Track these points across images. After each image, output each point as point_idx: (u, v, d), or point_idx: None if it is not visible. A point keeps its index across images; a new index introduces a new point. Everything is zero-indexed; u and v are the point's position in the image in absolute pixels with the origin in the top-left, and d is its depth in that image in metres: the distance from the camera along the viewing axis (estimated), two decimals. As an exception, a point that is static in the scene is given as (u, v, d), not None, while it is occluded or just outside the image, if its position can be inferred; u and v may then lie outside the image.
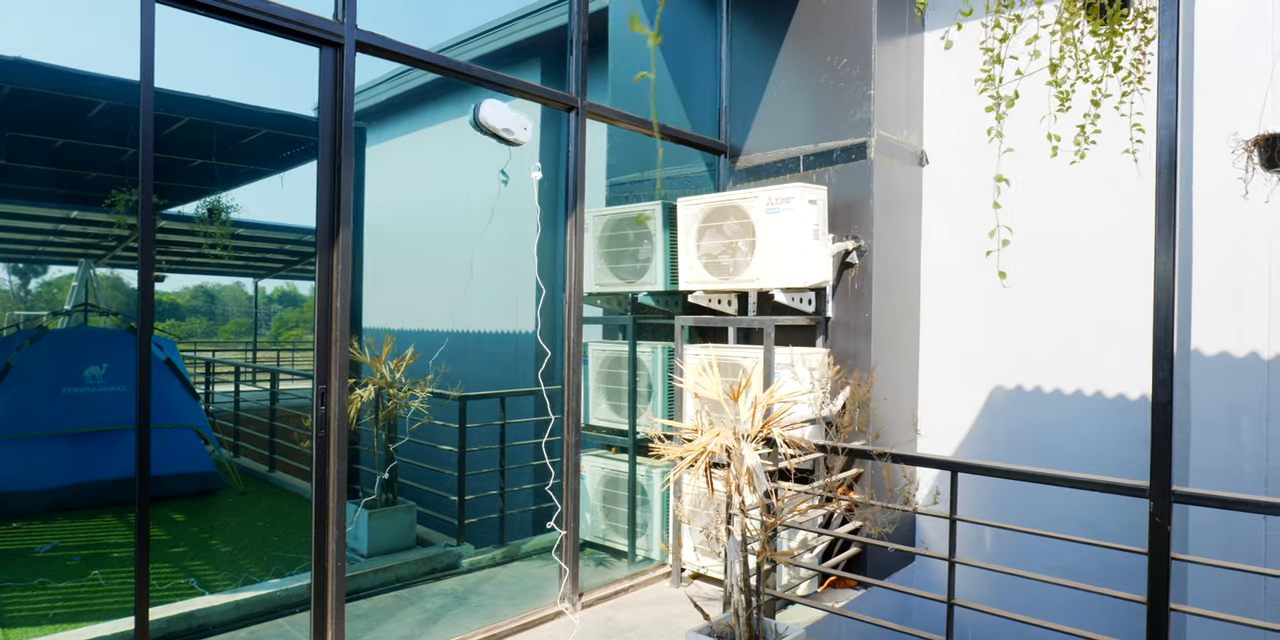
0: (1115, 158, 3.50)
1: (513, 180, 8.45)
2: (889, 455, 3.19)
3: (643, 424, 4.58)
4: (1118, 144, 3.17)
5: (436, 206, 9.46)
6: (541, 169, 4.05)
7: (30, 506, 5.99)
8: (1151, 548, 2.34)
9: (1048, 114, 2.61)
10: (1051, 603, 3.75)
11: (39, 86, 5.32)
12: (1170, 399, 2.25)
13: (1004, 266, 4.27)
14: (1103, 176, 3.84)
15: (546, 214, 8.18)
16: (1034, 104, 3.21)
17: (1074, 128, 2.34)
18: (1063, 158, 3.24)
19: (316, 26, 2.86)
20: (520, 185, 8.11)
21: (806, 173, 4.37)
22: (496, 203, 4.73)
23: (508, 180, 4.13)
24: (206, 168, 7.75)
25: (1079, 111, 2.47)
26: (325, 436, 2.95)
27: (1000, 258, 4.28)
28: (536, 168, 4.01)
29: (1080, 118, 2.25)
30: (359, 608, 3.92)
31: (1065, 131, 2.85)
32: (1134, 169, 3.61)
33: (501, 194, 8.47)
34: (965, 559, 2.92)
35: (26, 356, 6.49)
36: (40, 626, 3.93)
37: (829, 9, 4.31)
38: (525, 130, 3.66)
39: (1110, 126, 3.04)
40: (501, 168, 4.00)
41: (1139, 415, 3.82)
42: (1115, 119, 2.79)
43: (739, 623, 2.78)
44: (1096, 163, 3.63)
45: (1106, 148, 3.37)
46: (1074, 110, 2.48)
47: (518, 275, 8.05)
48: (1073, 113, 2.64)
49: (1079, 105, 2.53)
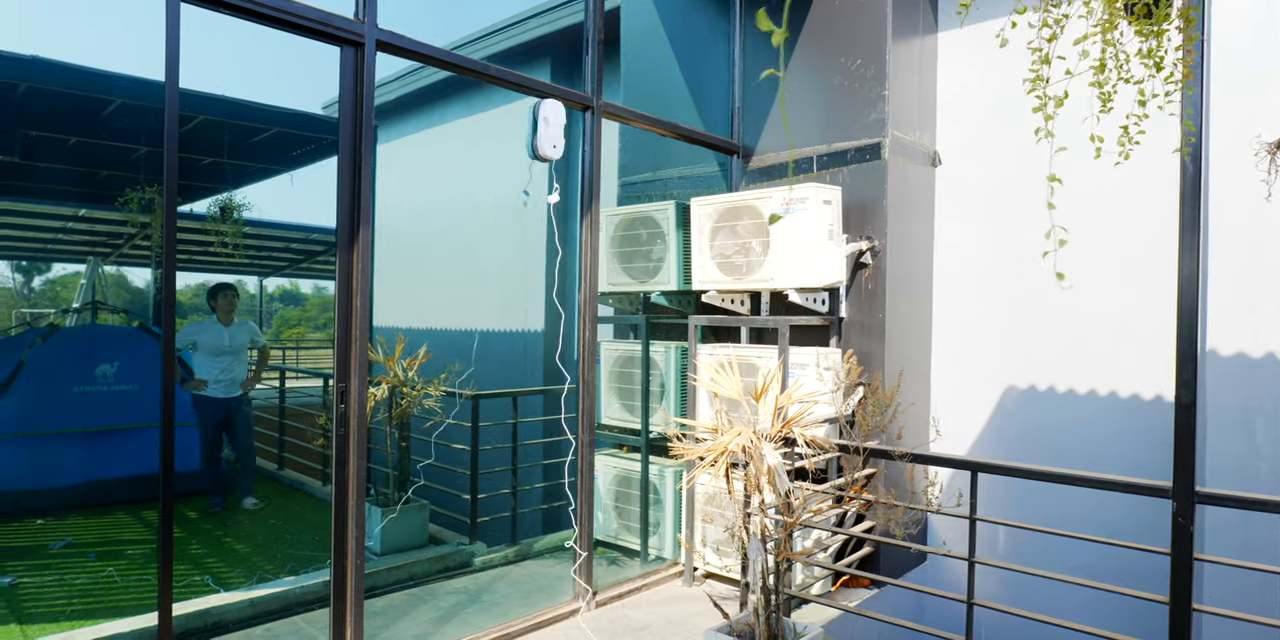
0: (1138, 158, 3.50)
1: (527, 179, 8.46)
2: (910, 455, 3.20)
3: (656, 423, 4.59)
4: (1148, 144, 3.17)
5: (447, 205, 9.47)
6: (560, 191, 3.94)
7: (43, 504, 6.01)
8: (1174, 548, 2.34)
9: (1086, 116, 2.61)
10: (1067, 602, 3.76)
11: (54, 85, 5.33)
12: (1194, 400, 2.26)
13: (1016, 266, 4.27)
14: (1120, 177, 3.84)
15: (559, 214, 8.21)
16: (1091, 105, 3.19)
17: (1114, 128, 2.33)
18: (1095, 159, 3.24)
19: (338, 26, 2.87)
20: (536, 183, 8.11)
21: (820, 173, 4.37)
22: (522, 220, 4.63)
23: (529, 200, 4.06)
24: (218, 166, 7.77)
25: (1120, 112, 2.46)
26: (345, 435, 2.96)
27: (1011, 257, 4.28)
28: (555, 189, 3.90)
29: (1123, 118, 2.24)
30: (373, 605, 3.93)
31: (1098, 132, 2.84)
32: (1151, 170, 3.61)
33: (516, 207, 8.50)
34: (985, 559, 2.93)
35: (38, 355, 6.51)
36: (57, 623, 3.94)
37: (843, 9, 4.31)
38: (555, 148, 3.62)
39: (1143, 127, 3.03)
40: (524, 187, 3.93)
41: (1153, 415, 3.82)
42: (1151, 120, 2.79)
43: (759, 622, 2.79)
44: (1113, 165, 3.63)
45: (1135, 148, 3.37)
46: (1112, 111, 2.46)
47: (530, 276, 8.06)
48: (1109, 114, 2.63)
49: (1120, 106, 2.52)
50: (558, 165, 7.98)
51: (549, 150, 3.58)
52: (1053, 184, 2.00)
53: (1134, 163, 3.58)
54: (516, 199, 8.52)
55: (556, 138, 3.61)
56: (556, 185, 3.89)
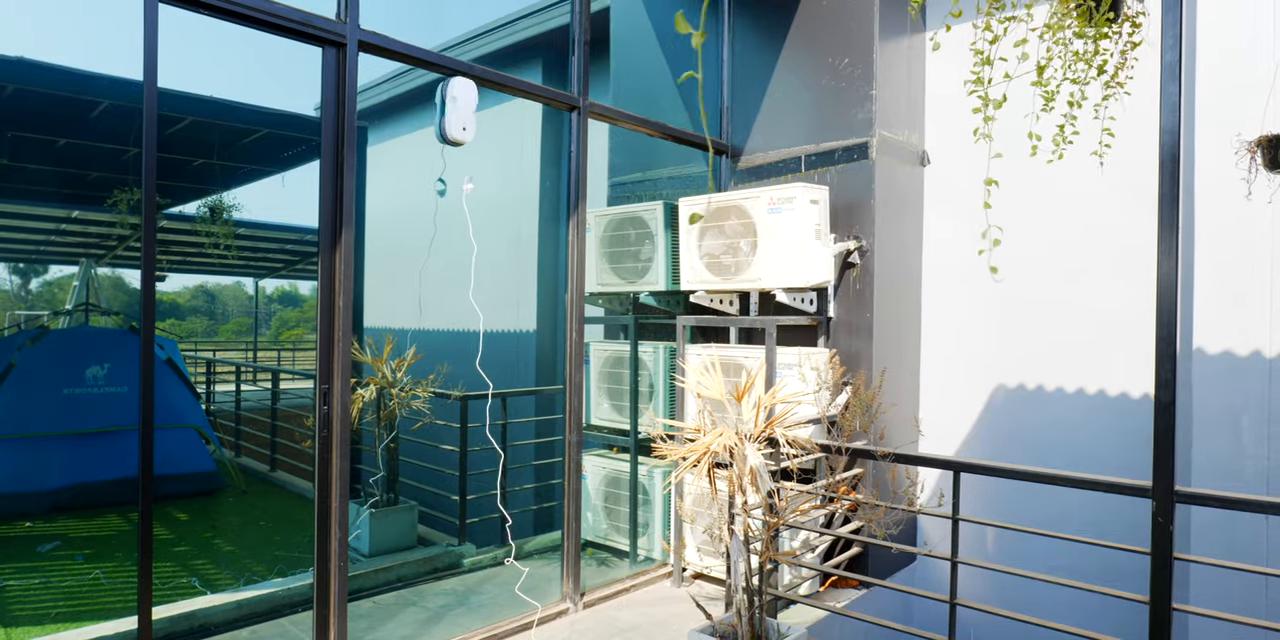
0: (1119, 158, 3.50)
1: (516, 180, 8.43)
2: (893, 455, 3.19)
3: (644, 424, 4.59)
4: (1124, 144, 3.18)
5: (436, 206, 9.45)
6: (474, 181, 3.68)
7: (32, 506, 5.99)
8: (1154, 548, 2.34)
9: (1028, 114, 2.62)
10: (1051, 602, 3.75)
11: (42, 86, 5.32)
12: (1174, 399, 2.25)
13: (1004, 265, 4.27)
14: (1106, 176, 3.84)
15: (547, 214, 8.20)
16: (1032, 104, 3.21)
17: (1055, 128, 2.34)
18: (1066, 158, 3.24)
19: (319, 26, 2.87)
20: (525, 189, 8.09)
21: (808, 173, 4.37)
22: (436, 216, 4.41)
23: (445, 190, 3.74)
24: (208, 167, 7.75)
25: (1062, 112, 2.48)
26: (328, 436, 2.95)
27: (993, 256, 4.28)
28: (469, 178, 3.67)
29: (1060, 118, 2.25)
30: (361, 607, 3.92)
31: (1048, 132, 2.86)
32: (1138, 169, 3.61)
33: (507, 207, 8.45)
34: (968, 559, 2.92)
35: (28, 356, 6.49)
36: (43, 626, 3.93)
37: (830, 9, 4.31)
38: (466, 131, 3.32)
39: (1110, 127, 3.04)
40: (439, 176, 3.65)
41: (1141, 414, 3.82)
42: (1120, 119, 2.80)
43: (741, 622, 2.78)
44: (1096, 163, 3.63)
45: (1115, 148, 3.37)
46: (1059, 111, 2.48)
47: (518, 276, 8.05)
48: (1057, 114, 2.65)
49: (1064, 106, 2.54)
50: (546, 166, 7.99)
51: (458, 133, 3.31)
52: (990, 186, 2.00)
53: (1123, 161, 3.59)
54: (508, 204, 8.52)
55: (466, 119, 3.32)
56: (469, 174, 3.65)
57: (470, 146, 3.42)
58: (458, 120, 3.30)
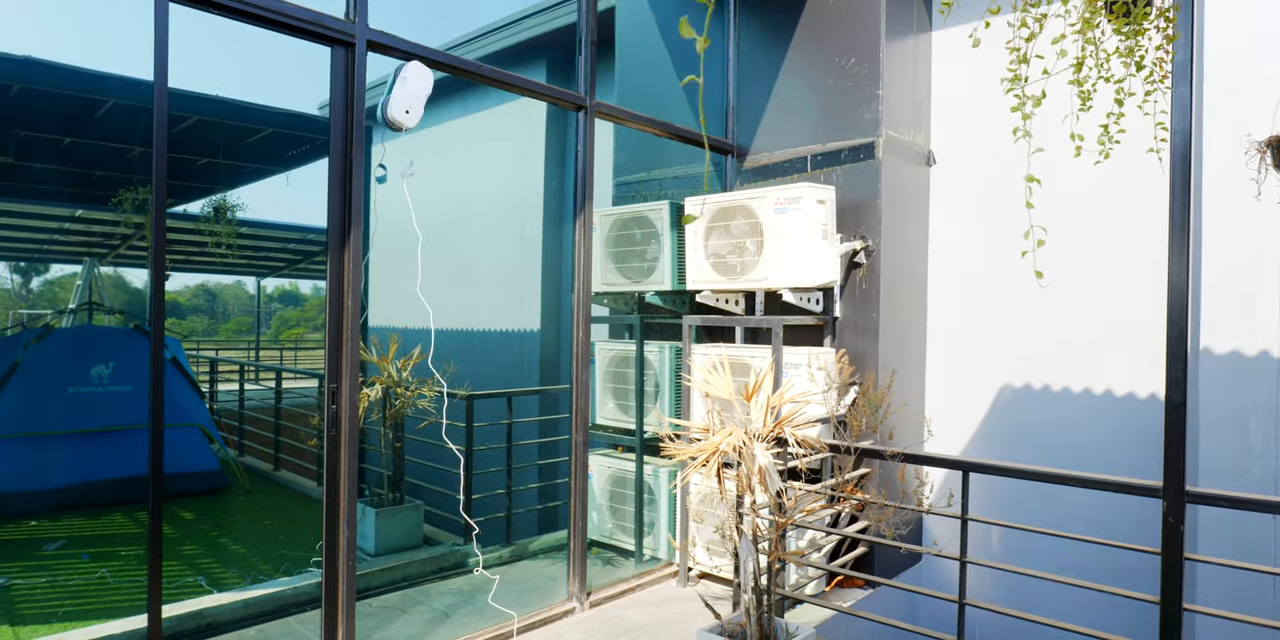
0: (1124, 157, 3.50)
1: (521, 179, 8.42)
2: (901, 455, 3.19)
3: (650, 423, 4.59)
4: (1131, 143, 3.17)
5: (441, 205, 9.47)
6: (385, 169, 3.43)
7: (37, 505, 6.00)
8: (1165, 548, 2.34)
9: (1067, 114, 2.61)
10: (1059, 602, 3.75)
11: (48, 85, 5.33)
12: (1184, 399, 2.25)
13: (1010, 265, 4.27)
14: (1112, 176, 3.84)
15: (551, 213, 8.21)
16: (1047, 104, 3.20)
17: (1096, 127, 2.33)
18: (1075, 157, 3.24)
19: (328, 26, 2.87)
20: (529, 188, 8.08)
21: (814, 172, 4.37)
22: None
23: (385, 177, 3.49)
24: (213, 166, 7.76)
25: (1100, 111, 2.46)
26: (336, 435, 2.96)
27: (1002, 257, 4.28)
28: (411, 164, 3.42)
29: (1103, 117, 2.24)
30: (367, 606, 3.93)
31: (1081, 131, 2.85)
32: (1143, 168, 3.61)
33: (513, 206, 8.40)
34: (977, 559, 2.92)
35: (33, 356, 6.50)
36: (49, 625, 3.94)
37: (836, 9, 4.30)
38: (409, 115, 3.07)
39: (1126, 125, 3.03)
40: (380, 161, 3.41)
41: (1147, 414, 3.82)
42: (1132, 118, 2.79)
43: (750, 622, 2.78)
44: (1106, 163, 3.63)
45: (1119, 147, 3.37)
46: (1095, 110, 2.47)
47: (521, 276, 8.05)
48: (1093, 112, 2.64)
49: (1100, 105, 2.53)
50: (550, 165, 7.99)
51: (400, 115, 3.07)
52: (1031, 184, 1.99)
53: (1128, 161, 3.58)
54: (511, 200, 8.51)
55: (411, 102, 3.08)
56: (412, 160, 3.42)
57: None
58: (402, 102, 3.06)
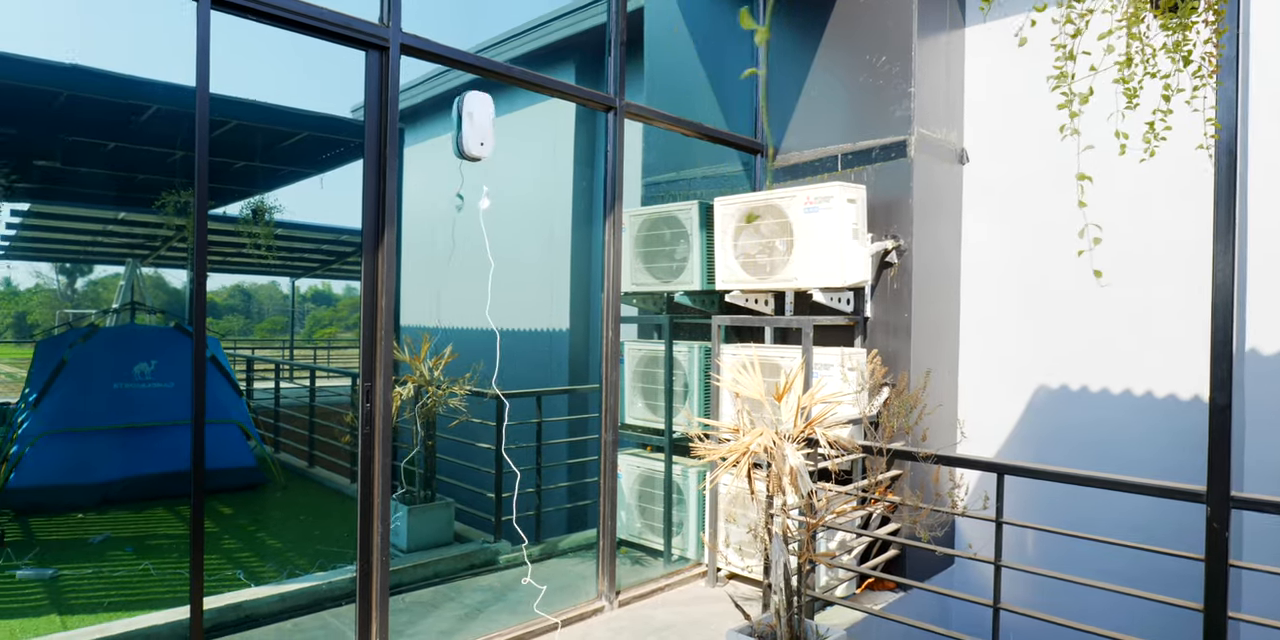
0: (1166, 153, 3.42)
1: (550, 180, 8.47)
2: (934, 457, 3.15)
3: (679, 423, 4.59)
4: (1173, 139, 3.10)
5: (454, 220, 9.55)
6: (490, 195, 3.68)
7: (83, 498, 6.19)
8: (1208, 554, 2.28)
9: (1111, 112, 2.56)
10: (1097, 608, 3.68)
11: (93, 92, 5.48)
12: (1229, 402, 2.20)
13: (1051, 263, 4.19)
14: (1153, 172, 3.75)
15: (580, 214, 8.24)
16: (1108, 100, 3.13)
17: (1140, 124, 2.28)
18: (1120, 155, 3.18)
19: (363, 30, 2.91)
20: (558, 188, 8.12)
21: (844, 171, 4.33)
22: (454, 229, 4.49)
23: (462, 205, 3.75)
24: (250, 169, 7.93)
25: (1144, 108, 2.41)
26: (370, 433, 3.00)
27: (1040, 255, 4.21)
28: (486, 192, 3.66)
29: (1148, 114, 2.19)
30: (400, 602, 3.98)
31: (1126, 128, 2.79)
32: (1184, 164, 3.52)
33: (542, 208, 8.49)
34: (1012, 563, 2.88)
35: (80, 354, 6.70)
36: (95, 614, 4.06)
37: (868, 6, 4.27)
38: (484, 146, 3.34)
39: (1170, 121, 2.97)
40: (458, 191, 3.67)
41: (1188, 415, 3.73)
42: (1176, 114, 2.73)
43: (780, 623, 2.77)
44: (1148, 158, 3.55)
45: (1161, 143, 3.29)
46: (1139, 107, 2.41)
47: (551, 276, 8.09)
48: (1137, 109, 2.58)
49: (1145, 102, 2.47)
50: (579, 166, 8.02)
51: (475, 148, 3.30)
52: (1083, 182, 1.95)
53: (1166, 157, 3.50)
54: (541, 199, 8.56)
55: (484, 135, 3.32)
56: (486, 188, 3.65)
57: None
58: (475, 136, 3.29)
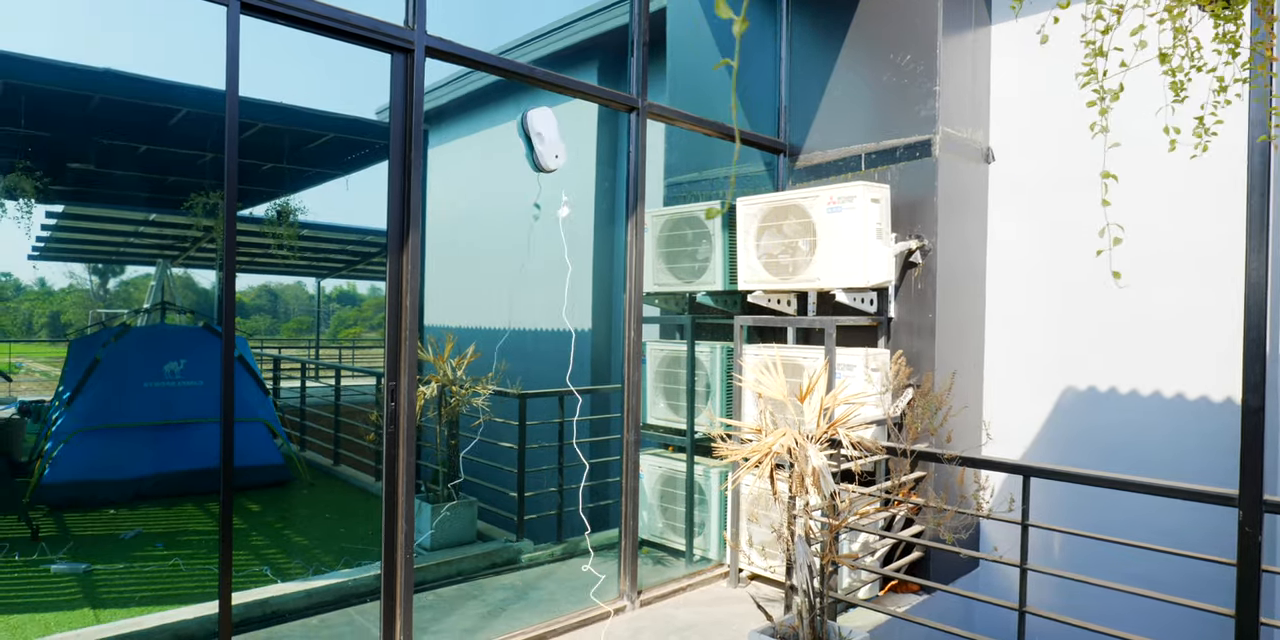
0: (1203, 153, 3.36)
1: (573, 180, 8.52)
2: (959, 458, 3.13)
3: (701, 423, 4.59)
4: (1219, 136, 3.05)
5: (494, 208, 9.62)
6: (570, 203, 3.98)
7: (115, 494, 6.32)
8: (1240, 559, 2.24)
9: (1141, 109, 2.51)
10: (1125, 612, 3.63)
11: (125, 95, 5.60)
12: (1262, 404, 2.16)
13: (1077, 264, 4.14)
14: (1182, 170, 3.69)
15: (602, 213, 8.26)
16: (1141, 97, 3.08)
17: (1173, 121, 2.24)
18: (1136, 153, 3.13)
19: (389, 34, 2.95)
20: (581, 188, 8.17)
21: (868, 171, 4.31)
22: (531, 234, 4.74)
23: (540, 214, 4.07)
24: (277, 171, 8.04)
25: (1191, 103, 2.36)
26: (395, 432, 3.04)
27: (1071, 257, 4.15)
28: (565, 202, 3.96)
29: (1196, 109, 2.15)
30: (423, 599, 4.02)
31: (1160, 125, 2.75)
32: (1216, 162, 3.45)
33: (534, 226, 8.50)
34: (1038, 566, 2.84)
35: (112, 353, 6.85)
36: (127, 608, 4.14)
37: (892, 5, 4.24)
38: (558, 159, 3.66)
39: (1208, 118, 2.91)
40: (535, 201, 3.94)
41: (1221, 418, 3.66)
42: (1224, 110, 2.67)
43: (803, 625, 2.76)
44: (1176, 157, 3.49)
45: (1193, 141, 3.23)
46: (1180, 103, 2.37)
47: (574, 275, 8.12)
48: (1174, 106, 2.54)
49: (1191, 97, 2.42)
50: (601, 166, 8.05)
51: (551, 161, 3.62)
52: (1107, 181, 1.92)
53: (1200, 155, 3.44)
54: (564, 201, 8.60)
55: (557, 148, 3.63)
56: (566, 197, 3.95)
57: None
58: (549, 151, 3.63)
